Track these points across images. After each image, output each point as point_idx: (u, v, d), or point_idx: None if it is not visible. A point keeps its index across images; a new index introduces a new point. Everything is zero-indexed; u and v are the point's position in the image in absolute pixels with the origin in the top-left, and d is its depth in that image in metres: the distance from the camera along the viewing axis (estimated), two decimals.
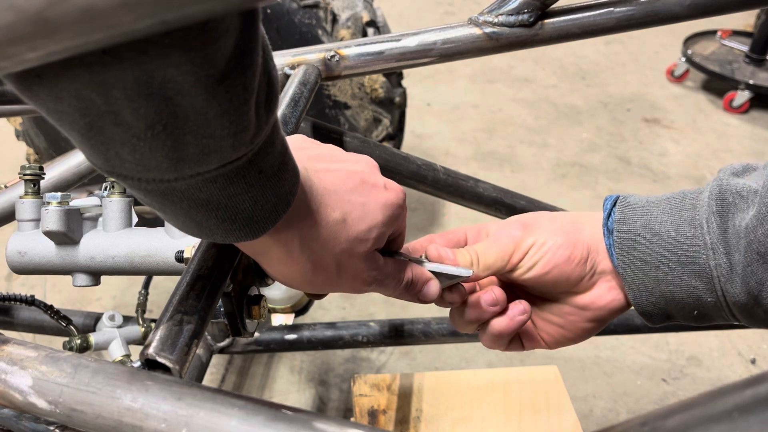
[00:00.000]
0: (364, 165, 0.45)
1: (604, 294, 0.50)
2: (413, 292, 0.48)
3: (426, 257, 0.50)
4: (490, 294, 0.50)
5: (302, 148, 0.43)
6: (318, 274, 0.42)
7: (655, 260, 0.46)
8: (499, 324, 0.50)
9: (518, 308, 0.50)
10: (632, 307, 0.51)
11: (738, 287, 0.44)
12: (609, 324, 0.98)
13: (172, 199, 0.34)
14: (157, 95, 0.28)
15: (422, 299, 0.49)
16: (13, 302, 0.76)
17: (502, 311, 0.51)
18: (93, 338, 0.77)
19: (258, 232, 0.37)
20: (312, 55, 0.77)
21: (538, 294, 0.53)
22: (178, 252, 0.55)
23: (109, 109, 0.28)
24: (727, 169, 0.47)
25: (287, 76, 0.76)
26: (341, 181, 0.42)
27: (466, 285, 0.51)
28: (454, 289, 0.50)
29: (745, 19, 3.35)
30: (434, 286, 0.48)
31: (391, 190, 0.45)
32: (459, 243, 0.53)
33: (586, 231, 0.50)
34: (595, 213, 0.52)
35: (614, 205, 0.50)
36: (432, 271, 0.49)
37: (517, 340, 0.55)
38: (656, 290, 0.47)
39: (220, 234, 0.37)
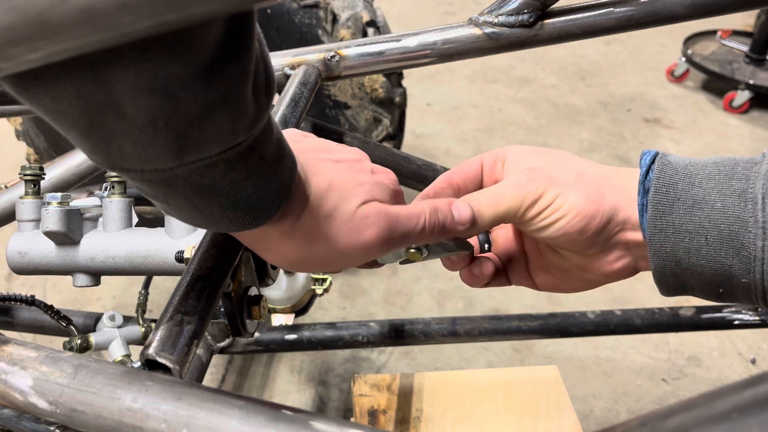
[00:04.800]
0: (354, 154, 0.46)
1: (612, 263, 0.47)
2: (446, 224, 0.44)
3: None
4: (477, 267, 0.50)
5: (294, 141, 0.43)
6: (321, 252, 0.41)
7: (692, 230, 0.42)
8: (464, 275, 0.51)
9: (487, 269, 0.50)
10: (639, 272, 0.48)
11: None
12: (609, 324, 0.99)
13: (175, 187, 0.34)
14: (160, 92, 0.28)
15: (460, 228, 0.45)
16: (13, 302, 0.76)
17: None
18: (93, 338, 0.77)
19: (261, 219, 0.37)
20: (312, 55, 0.77)
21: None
22: (178, 252, 0.55)
23: (112, 103, 0.28)
24: None
25: (287, 77, 0.76)
26: (331, 166, 0.43)
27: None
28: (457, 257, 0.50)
29: (745, 19, 3.35)
30: (464, 209, 0.45)
31: (381, 173, 0.46)
32: (475, 178, 0.50)
33: (611, 195, 0.46)
34: (627, 170, 0.47)
35: (653, 162, 0.45)
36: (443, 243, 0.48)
37: (503, 276, 0.53)
38: (684, 262, 0.43)
39: (224, 223, 0.37)
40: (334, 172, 0.42)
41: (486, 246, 0.54)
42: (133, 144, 0.30)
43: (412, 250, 0.47)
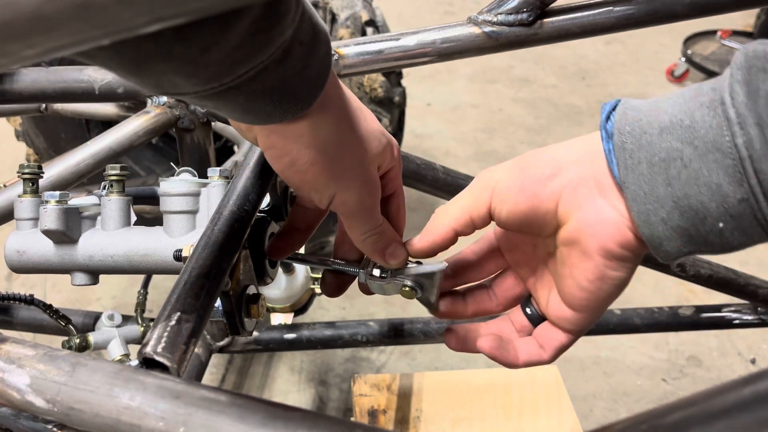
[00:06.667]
0: None
1: (590, 218, 0.42)
2: (383, 243, 0.49)
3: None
4: (485, 339, 0.49)
5: None
6: (333, 160, 0.42)
7: (665, 158, 0.37)
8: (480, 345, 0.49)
9: (490, 336, 0.49)
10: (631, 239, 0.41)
11: None
12: (609, 324, 0.99)
13: (228, 97, 0.35)
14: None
15: (388, 258, 0.50)
16: (12, 301, 0.76)
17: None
18: (92, 337, 0.77)
19: (310, 100, 0.39)
20: None
21: (533, 247, 0.49)
22: (176, 251, 0.55)
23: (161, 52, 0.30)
24: (752, 43, 0.37)
25: None
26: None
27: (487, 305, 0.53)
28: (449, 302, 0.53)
29: (745, 19, 3.35)
30: (402, 251, 0.50)
31: None
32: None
33: (549, 156, 0.44)
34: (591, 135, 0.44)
35: (614, 108, 0.42)
36: (413, 275, 0.51)
37: (535, 344, 0.49)
38: (668, 199, 0.38)
39: (278, 115, 0.39)
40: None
41: (529, 311, 0.51)
42: (186, 76, 0.32)
43: (406, 289, 0.51)
